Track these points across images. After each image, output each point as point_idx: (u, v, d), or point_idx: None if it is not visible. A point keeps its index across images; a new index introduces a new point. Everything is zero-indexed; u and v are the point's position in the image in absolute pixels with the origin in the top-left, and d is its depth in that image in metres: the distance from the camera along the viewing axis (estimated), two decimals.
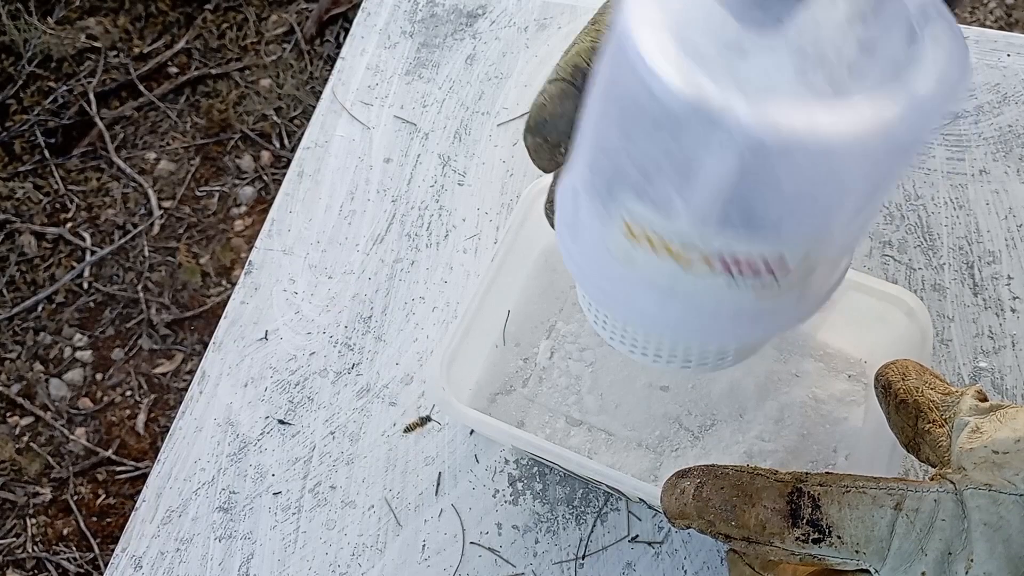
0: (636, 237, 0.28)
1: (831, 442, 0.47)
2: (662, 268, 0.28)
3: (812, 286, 0.30)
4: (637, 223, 0.27)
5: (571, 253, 0.33)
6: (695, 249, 0.27)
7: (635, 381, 0.49)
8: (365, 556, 0.48)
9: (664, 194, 0.26)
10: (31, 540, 1.22)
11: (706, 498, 0.32)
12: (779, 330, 0.32)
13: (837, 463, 0.47)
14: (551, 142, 0.33)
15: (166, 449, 0.52)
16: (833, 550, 0.30)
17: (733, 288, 0.28)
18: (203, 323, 1.39)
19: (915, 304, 0.45)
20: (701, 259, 0.27)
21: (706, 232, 0.26)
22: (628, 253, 0.29)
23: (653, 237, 0.27)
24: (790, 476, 0.32)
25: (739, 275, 0.27)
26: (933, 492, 0.30)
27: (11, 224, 1.48)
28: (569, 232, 0.32)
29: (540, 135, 0.33)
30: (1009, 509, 0.29)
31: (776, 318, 0.30)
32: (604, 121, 0.27)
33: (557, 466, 0.47)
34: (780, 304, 0.29)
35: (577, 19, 0.68)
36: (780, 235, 0.26)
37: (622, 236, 0.28)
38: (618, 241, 0.29)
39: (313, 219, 0.60)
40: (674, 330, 0.31)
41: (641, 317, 0.31)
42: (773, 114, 0.23)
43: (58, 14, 1.71)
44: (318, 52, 1.67)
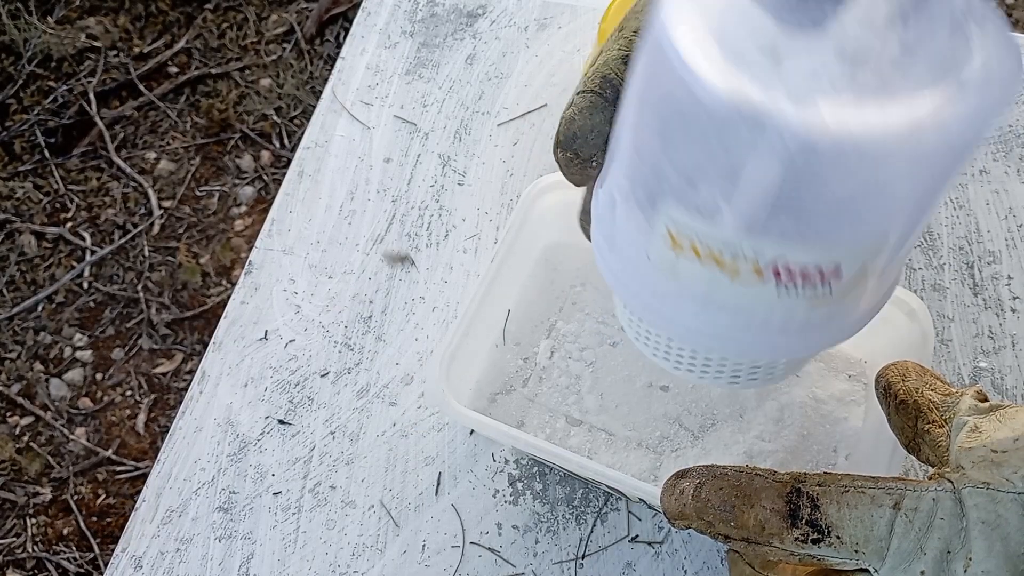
0: (680, 247, 0.27)
1: (831, 442, 0.47)
2: (708, 278, 0.27)
3: (865, 296, 0.29)
4: (681, 232, 0.27)
5: (610, 265, 0.32)
6: (743, 258, 0.26)
7: (635, 381, 0.49)
8: (365, 556, 0.48)
9: (710, 200, 0.25)
10: (31, 540, 1.22)
11: (705, 499, 0.32)
12: (831, 343, 0.31)
13: (837, 463, 0.47)
14: (582, 156, 0.32)
15: (166, 449, 0.52)
16: (832, 550, 0.30)
17: (784, 298, 0.27)
18: (203, 323, 1.39)
19: (916, 305, 0.45)
20: (750, 268, 0.26)
21: (756, 240, 0.25)
22: (672, 264, 0.28)
23: (698, 246, 0.26)
24: (789, 476, 0.32)
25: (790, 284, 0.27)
26: (931, 491, 0.30)
27: (11, 224, 1.48)
28: (607, 244, 0.31)
29: (571, 149, 0.32)
30: (1007, 507, 0.29)
31: (828, 330, 0.29)
32: (643, 128, 0.26)
33: (557, 466, 0.47)
34: (832, 315, 0.28)
35: (577, 19, 0.68)
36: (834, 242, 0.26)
37: (665, 246, 0.27)
38: (661, 252, 0.28)
39: (313, 219, 0.60)
40: (722, 344, 0.30)
41: (686, 331, 0.30)
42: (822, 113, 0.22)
43: (58, 14, 1.71)
44: (318, 52, 1.67)
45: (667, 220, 0.27)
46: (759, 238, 0.25)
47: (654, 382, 0.49)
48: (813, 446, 0.47)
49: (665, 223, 0.27)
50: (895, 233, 0.27)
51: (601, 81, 0.31)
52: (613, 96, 0.31)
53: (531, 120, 0.63)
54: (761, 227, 0.25)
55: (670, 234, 0.27)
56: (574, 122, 0.31)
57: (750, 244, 0.26)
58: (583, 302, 0.52)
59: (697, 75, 0.23)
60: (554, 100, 0.64)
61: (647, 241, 0.28)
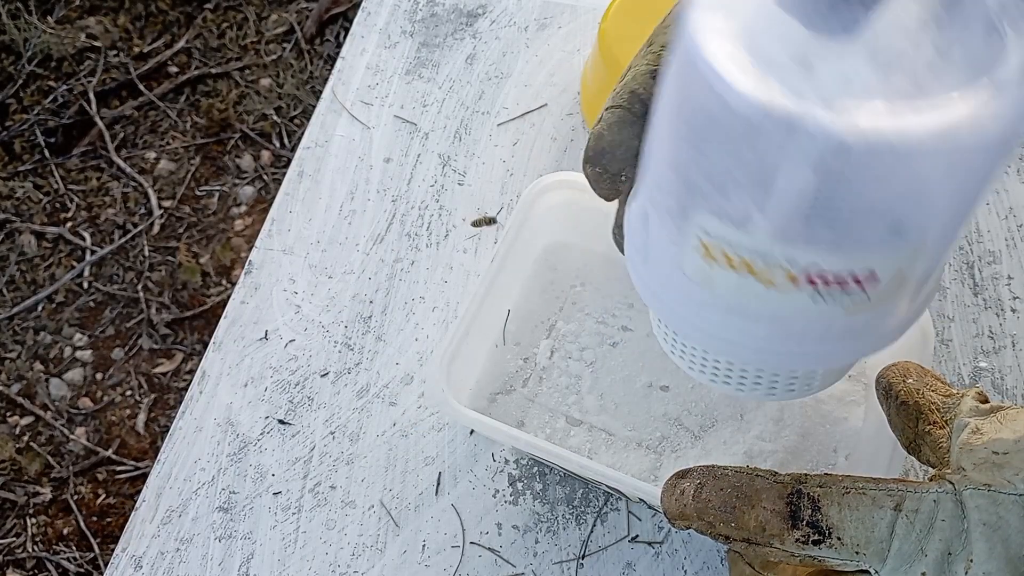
0: (714, 257, 0.27)
1: (831, 442, 0.47)
2: (743, 288, 0.27)
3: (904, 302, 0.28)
4: (714, 242, 0.26)
5: (644, 279, 0.31)
6: (778, 266, 0.26)
7: (635, 381, 0.49)
8: (365, 556, 0.48)
9: (742, 208, 0.25)
10: (31, 540, 1.22)
11: (706, 499, 0.32)
12: (869, 350, 0.30)
13: (837, 463, 0.47)
14: (611, 171, 0.32)
15: (166, 449, 0.52)
16: (833, 551, 0.30)
17: (820, 304, 0.27)
18: (203, 323, 1.39)
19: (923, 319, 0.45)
20: (784, 276, 0.26)
21: (789, 246, 0.25)
22: (706, 275, 0.28)
23: (732, 256, 0.26)
24: (790, 477, 0.32)
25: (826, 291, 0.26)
26: (932, 492, 0.30)
27: (11, 224, 1.48)
28: (640, 258, 0.31)
29: (599, 164, 0.32)
30: (1008, 509, 0.29)
31: (866, 337, 0.29)
32: (673, 138, 0.26)
33: (557, 466, 0.47)
34: (871, 322, 0.28)
35: (577, 19, 0.68)
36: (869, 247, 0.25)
37: (699, 257, 0.27)
38: (694, 263, 0.28)
39: (313, 219, 0.60)
40: (759, 354, 0.30)
41: (723, 343, 0.30)
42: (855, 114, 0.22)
43: (58, 13, 1.71)
44: (318, 52, 1.67)
45: (699, 230, 0.27)
46: (792, 245, 0.25)
47: (654, 382, 0.49)
48: (813, 446, 0.47)
49: (697, 233, 0.27)
50: (932, 238, 0.26)
51: (630, 96, 0.31)
52: (642, 111, 0.30)
53: (531, 120, 0.63)
54: (794, 234, 0.25)
55: (703, 244, 0.27)
56: (603, 137, 0.31)
57: (783, 251, 0.25)
58: (583, 302, 0.52)
59: (727, 81, 0.23)
60: (554, 100, 0.64)
61: (680, 252, 0.28)
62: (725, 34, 0.24)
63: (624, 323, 0.51)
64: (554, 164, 0.61)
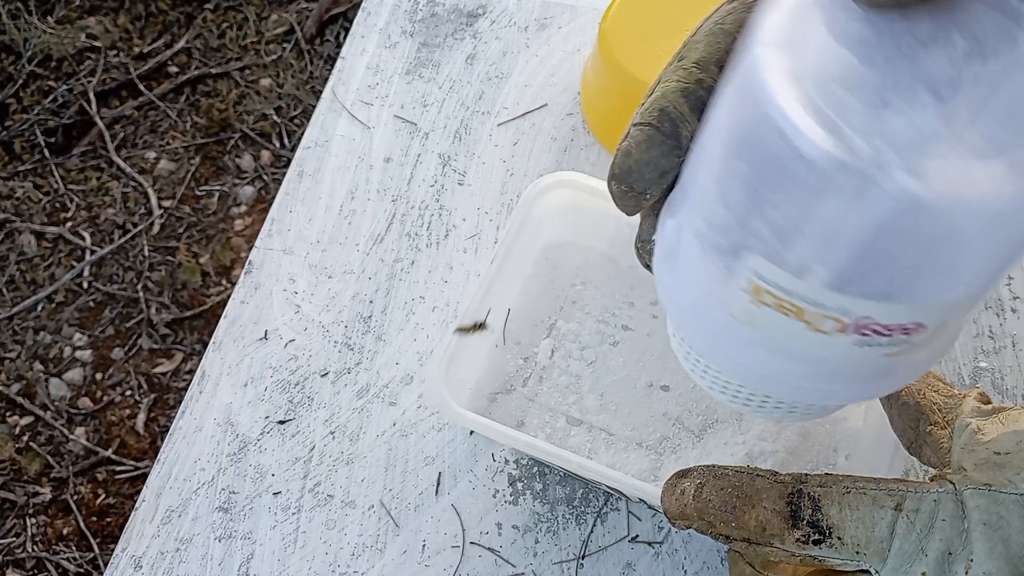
0: (763, 300, 0.26)
1: (831, 442, 0.47)
2: (789, 330, 0.27)
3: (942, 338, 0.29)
4: (766, 286, 0.26)
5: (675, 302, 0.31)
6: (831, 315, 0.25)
7: (636, 380, 0.49)
8: (365, 556, 0.48)
9: (803, 258, 0.24)
10: (31, 540, 1.22)
11: (706, 499, 0.32)
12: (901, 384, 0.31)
13: (837, 463, 0.47)
14: (637, 189, 0.31)
15: (166, 449, 0.52)
16: (834, 551, 0.30)
17: (864, 349, 0.26)
18: (203, 323, 1.39)
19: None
20: (835, 325, 0.26)
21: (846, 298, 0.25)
22: (749, 313, 0.27)
23: (783, 300, 0.26)
24: (790, 477, 0.32)
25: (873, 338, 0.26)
26: (933, 492, 0.30)
27: (11, 223, 1.48)
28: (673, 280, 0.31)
29: (626, 182, 0.31)
30: (1009, 509, 0.29)
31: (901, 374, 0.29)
32: (731, 180, 0.25)
33: (557, 467, 0.47)
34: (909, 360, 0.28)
35: (577, 19, 0.68)
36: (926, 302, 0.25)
37: (745, 296, 0.27)
38: (739, 301, 0.27)
39: (313, 219, 0.59)
40: (794, 390, 0.30)
41: (758, 377, 0.30)
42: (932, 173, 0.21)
43: (58, 13, 1.71)
44: (318, 52, 1.67)
45: (751, 272, 0.26)
46: (848, 296, 0.25)
47: (654, 382, 0.49)
48: (814, 446, 0.47)
49: (748, 275, 0.26)
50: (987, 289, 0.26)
51: (659, 114, 0.30)
52: (671, 130, 0.30)
53: (531, 120, 0.63)
54: (852, 286, 0.24)
55: (753, 286, 0.26)
56: (631, 155, 0.30)
57: (838, 302, 0.25)
58: (583, 301, 0.52)
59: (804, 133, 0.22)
60: (554, 100, 0.64)
61: (724, 288, 0.27)
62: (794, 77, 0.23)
63: (625, 322, 0.51)
64: (554, 164, 0.61)
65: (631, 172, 0.31)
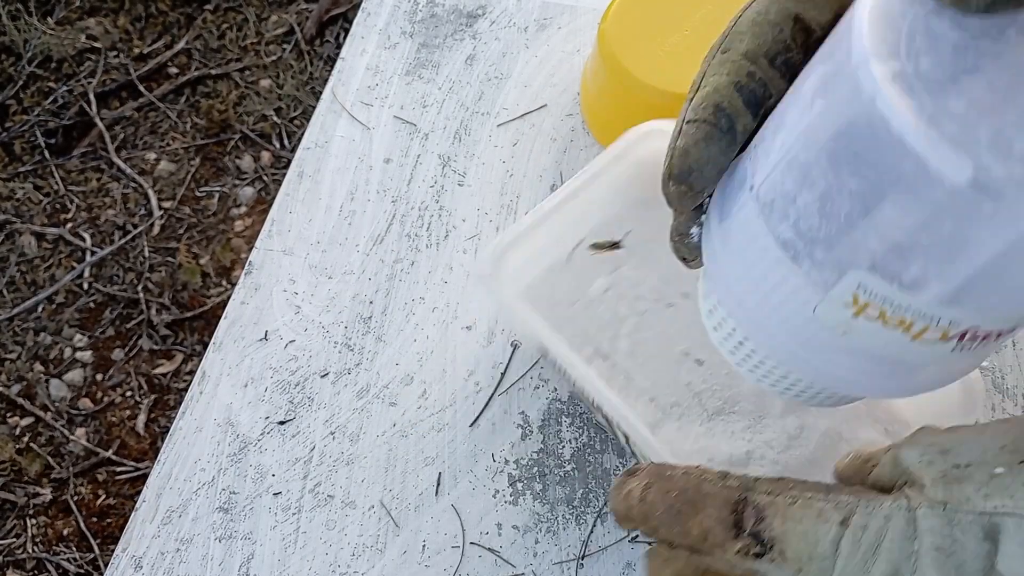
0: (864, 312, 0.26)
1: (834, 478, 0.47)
2: (887, 339, 0.26)
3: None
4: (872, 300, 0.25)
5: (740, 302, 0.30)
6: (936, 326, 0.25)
7: (675, 345, 0.50)
8: (365, 556, 0.48)
9: (920, 275, 0.24)
10: (31, 540, 1.22)
11: (651, 502, 0.30)
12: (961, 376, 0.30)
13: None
14: (696, 188, 0.30)
15: (166, 449, 0.52)
16: (774, 566, 0.28)
17: (957, 353, 0.26)
18: (203, 323, 1.39)
19: (973, 374, 0.44)
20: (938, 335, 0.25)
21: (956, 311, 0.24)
22: (845, 323, 0.26)
23: (887, 313, 0.25)
24: (738, 482, 0.30)
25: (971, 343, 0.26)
26: (885, 507, 0.28)
27: (11, 224, 1.48)
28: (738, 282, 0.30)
29: (686, 183, 0.30)
30: (965, 530, 0.26)
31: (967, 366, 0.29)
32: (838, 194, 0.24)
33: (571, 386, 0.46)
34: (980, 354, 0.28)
35: (577, 19, 0.68)
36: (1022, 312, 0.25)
37: (843, 308, 0.26)
38: (836, 313, 0.26)
39: (313, 219, 0.60)
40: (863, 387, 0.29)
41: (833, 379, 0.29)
42: None
43: (58, 14, 1.71)
44: (318, 52, 1.67)
45: (855, 285, 0.25)
46: (960, 310, 0.24)
47: (692, 352, 0.49)
48: (816, 474, 0.47)
49: (852, 288, 0.25)
50: None
51: (715, 110, 0.29)
52: (727, 125, 0.29)
53: (531, 121, 0.63)
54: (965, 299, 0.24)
55: (855, 297, 0.26)
56: (689, 155, 0.29)
57: (948, 314, 0.25)
58: (655, 256, 0.51)
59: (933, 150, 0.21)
60: (554, 101, 0.64)
61: (816, 298, 0.27)
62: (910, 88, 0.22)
63: (687, 290, 0.51)
64: (553, 165, 0.61)
65: (691, 172, 0.29)
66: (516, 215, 0.59)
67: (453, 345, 0.54)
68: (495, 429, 0.51)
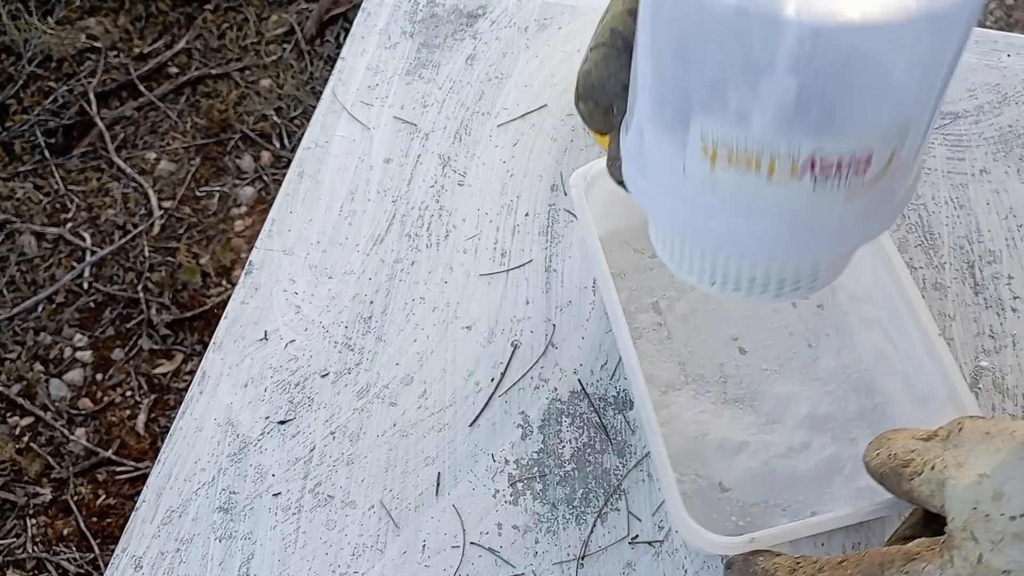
0: (716, 159, 0.28)
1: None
2: (747, 186, 0.28)
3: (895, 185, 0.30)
4: (715, 142, 0.28)
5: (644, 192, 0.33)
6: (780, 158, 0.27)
7: (727, 328, 0.52)
8: (365, 556, 0.48)
9: (740, 107, 0.26)
10: (31, 540, 1.22)
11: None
12: (868, 236, 0.32)
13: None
14: (602, 104, 0.34)
15: (166, 449, 0.52)
16: None
17: (820, 193, 0.28)
18: (203, 323, 1.39)
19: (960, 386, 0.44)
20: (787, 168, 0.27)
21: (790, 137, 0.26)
22: (708, 176, 0.29)
23: (734, 154, 0.27)
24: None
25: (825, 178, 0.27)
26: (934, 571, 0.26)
27: (11, 224, 1.48)
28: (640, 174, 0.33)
29: (591, 99, 0.34)
30: None
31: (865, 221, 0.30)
32: (661, 51, 0.28)
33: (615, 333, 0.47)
34: (868, 205, 0.29)
35: (577, 19, 0.68)
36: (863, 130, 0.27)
37: (700, 160, 0.28)
38: (696, 166, 0.29)
39: (313, 219, 0.60)
40: (765, 249, 0.31)
41: (729, 242, 0.31)
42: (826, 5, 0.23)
43: (58, 14, 1.71)
44: (318, 52, 1.67)
45: (700, 135, 0.28)
46: (793, 135, 0.26)
47: (740, 341, 0.52)
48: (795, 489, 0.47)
49: (698, 138, 0.28)
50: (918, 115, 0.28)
51: (611, 34, 0.33)
52: (623, 46, 0.32)
53: (531, 120, 0.63)
54: (791, 124, 0.26)
55: (704, 148, 0.28)
56: (591, 74, 0.33)
57: (785, 142, 0.26)
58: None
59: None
60: (554, 100, 0.64)
61: (682, 160, 0.29)
62: None
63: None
64: (554, 164, 0.61)
65: (594, 88, 0.33)
66: (516, 215, 0.59)
67: (453, 345, 0.54)
68: (495, 429, 0.51)
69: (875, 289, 0.50)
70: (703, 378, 0.50)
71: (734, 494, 0.47)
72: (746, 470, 0.47)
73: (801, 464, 0.47)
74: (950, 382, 0.44)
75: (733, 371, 0.51)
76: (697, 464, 0.48)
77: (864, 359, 0.51)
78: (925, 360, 0.46)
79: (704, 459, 0.48)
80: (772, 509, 0.46)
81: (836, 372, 0.50)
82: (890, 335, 0.49)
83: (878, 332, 0.50)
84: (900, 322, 0.48)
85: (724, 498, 0.47)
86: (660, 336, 0.52)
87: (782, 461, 0.47)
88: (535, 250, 0.57)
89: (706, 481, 0.47)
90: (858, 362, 0.51)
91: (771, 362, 0.51)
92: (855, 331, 0.52)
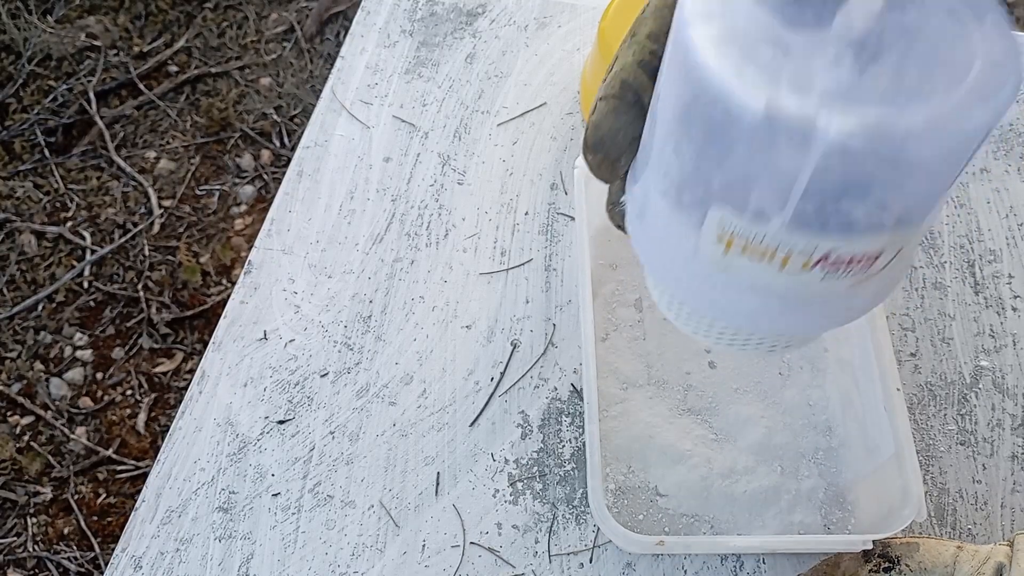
0: (731, 246, 0.29)
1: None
2: (759, 271, 0.29)
3: (897, 273, 0.31)
4: (732, 233, 0.28)
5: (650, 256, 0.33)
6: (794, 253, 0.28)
7: (698, 343, 0.51)
8: (365, 556, 0.48)
9: (759, 205, 0.27)
10: (32, 539, 1.22)
11: None
12: (866, 311, 0.33)
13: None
14: (611, 157, 0.34)
15: (166, 449, 0.52)
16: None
17: (828, 281, 0.29)
18: (203, 322, 1.39)
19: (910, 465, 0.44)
20: (800, 261, 0.28)
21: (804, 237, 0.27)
22: (720, 259, 0.29)
23: (749, 245, 0.28)
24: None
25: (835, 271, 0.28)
26: None
27: (11, 223, 1.48)
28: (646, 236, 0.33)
29: (600, 152, 0.34)
30: None
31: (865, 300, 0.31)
32: (683, 141, 0.28)
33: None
34: (870, 288, 0.30)
35: (577, 18, 0.67)
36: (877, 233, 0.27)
37: (714, 244, 0.29)
38: (711, 251, 0.29)
39: (313, 218, 0.59)
40: (768, 323, 0.32)
41: (736, 315, 0.32)
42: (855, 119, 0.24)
43: (58, 13, 1.71)
44: (318, 51, 1.67)
45: (717, 224, 0.28)
46: (807, 236, 0.27)
47: (712, 355, 0.52)
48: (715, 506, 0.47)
49: (714, 226, 0.28)
50: (928, 217, 0.29)
51: (621, 86, 0.33)
52: (633, 99, 0.32)
53: (531, 119, 0.63)
54: (808, 226, 0.27)
55: (720, 235, 0.29)
56: (600, 127, 0.33)
57: (798, 241, 0.27)
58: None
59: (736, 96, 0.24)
60: (554, 99, 0.64)
61: (694, 240, 0.30)
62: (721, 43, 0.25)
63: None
64: (554, 163, 0.61)
65: (603, 142, 0.33)
66: (516, 214, 0.59)
67: (453, 344, 0.54)
68: (495, 429, 0.51)
69: (855, 331, 0.50)
70: (666, 383, 0.50)
71: (668, 501, 0.47)
72: (683, 481, 0.47)
73: (740, 487, 0.47)
74: (899, 440, 0.45)
75: (697, 382, 0.50)
76: (636, 464, 0.48)
77: (831, 399, 0.50)
78: (882, 412, 0.46)
79: (645, 461, 0.48)
80: (700, 523, 0.47)
81: (799, 406, 0.50)
82: (858, 379, 0.49)
83: (849, 376, 0.50)
84: (868, 368, 0.48)
85: (656, 503, 0.47)
86: (635, 334, 0.52)
87: (721, 480, 0.47)
88: (535, 249, 0.57)
89: (641, 482, 0.47)
90: (824, 401, 0.50)
91: (737, 381, 0.51)
92: (830, 370, 0.51)
